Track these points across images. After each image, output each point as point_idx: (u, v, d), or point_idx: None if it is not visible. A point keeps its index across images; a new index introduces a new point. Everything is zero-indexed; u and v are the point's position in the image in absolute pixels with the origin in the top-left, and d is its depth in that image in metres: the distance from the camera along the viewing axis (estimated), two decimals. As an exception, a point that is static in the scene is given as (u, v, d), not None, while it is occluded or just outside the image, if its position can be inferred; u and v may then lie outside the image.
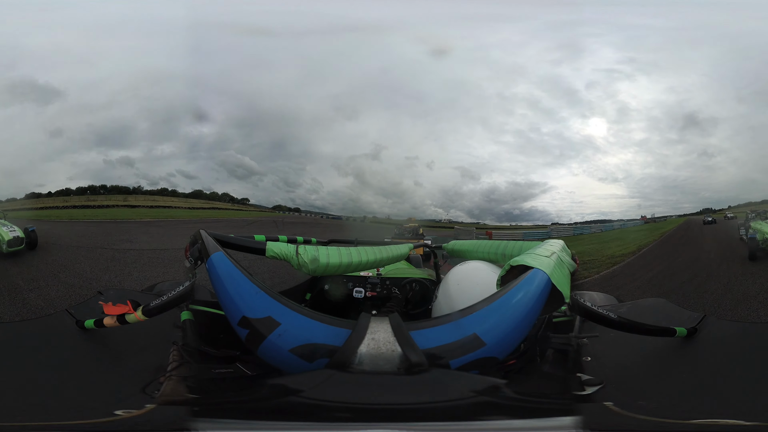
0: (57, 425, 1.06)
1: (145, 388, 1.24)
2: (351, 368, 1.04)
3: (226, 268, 1.28)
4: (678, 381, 1.40)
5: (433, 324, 1.14)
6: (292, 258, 1.62)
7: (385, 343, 1.07)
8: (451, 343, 1.08)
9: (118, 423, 1.04)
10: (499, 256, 2.04)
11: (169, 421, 1.04)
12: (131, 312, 1.44)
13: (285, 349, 1.09)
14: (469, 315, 1.14)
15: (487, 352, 1.10)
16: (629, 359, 1.54)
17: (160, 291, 2.31)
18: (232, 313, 1.18)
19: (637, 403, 1.20)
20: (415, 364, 1.03)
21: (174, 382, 1.21)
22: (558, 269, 1.28)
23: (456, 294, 1.67)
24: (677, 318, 1.76)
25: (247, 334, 1.14)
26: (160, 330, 1.57)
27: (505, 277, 1.35)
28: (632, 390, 1.33)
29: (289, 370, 1.10)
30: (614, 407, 1.14)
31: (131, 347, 1.61)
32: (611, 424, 1.08)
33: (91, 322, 1.58)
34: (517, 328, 1.16)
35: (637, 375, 1.46)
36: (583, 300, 1.44)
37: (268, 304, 1.15)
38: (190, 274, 1.48)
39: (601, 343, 1.48)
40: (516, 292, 1.18)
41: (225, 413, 1.01)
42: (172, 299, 1.43)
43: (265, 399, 1.06)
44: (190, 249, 1.46)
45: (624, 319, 1.46)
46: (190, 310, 1.51)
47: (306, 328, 1.11)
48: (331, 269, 1.73)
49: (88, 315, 1.64)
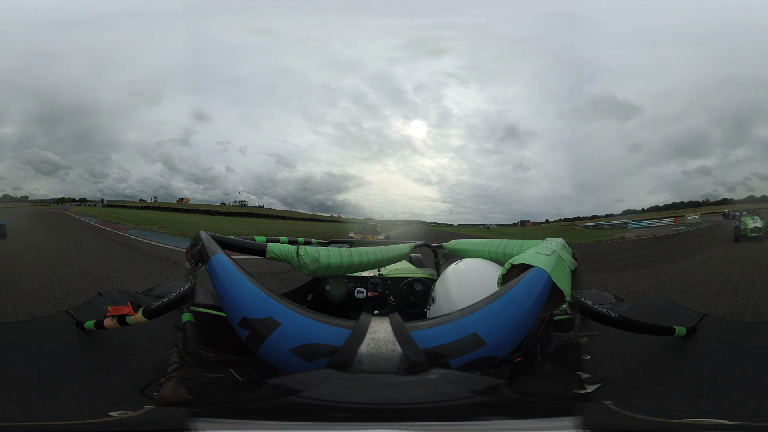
0: (55, 425, 1.06)
1: (145, 390, 1.24)
2: (351, 368, 1.04)
3: (227, 269, 1.28)
4: (677, 380, 1.40)
5: (433, 324, 1.14)
6: (292, 259, 1.62)
7: (385, 342, 1.08)
8: (451, 343, 1.08)
9: (116, 423, 1.05)
10: (499, 255, 2.04)
11: (168, 421, 1.04)
12: (132, 313, 1.44)
13: (285, 350, 1.09)
14: (470, 314, 1.14)
15: (488, 352, 1.10)
16: (629, 358, 1.54)
17: (160, 292, 2.31)
18: (233, 314, 1.18)
19: (636, 402, 1.20)
20: (415, 363, 1.03)
21: (174, 383, 1.22)
22: (559, 267, 1.28)
23: (456, 293, 1.66)
24: (677, 317, 1.76)
25: (247, 334, 1.14)
26: (160, 332, 1.57)
27: (506, 275, 1.35)
28: (631, 388, 1.34)
29: (290, 370, 1.10)
30: (613, 406, 1.14)
31: (131, 348, 1.61)
32: (611, 423, 1.08)
33: (92, 324, 1.58)
34: (518, 326, 1.16)
35: (637, 373, 1.47)
36: (584, 298, 1.44)
37: (268, 305, 1.15)
38: (191, 275, 1.48)
39: (601, 341, 1.48)
40: (517, 290, 1.18)
41: (225, 413, 1.01)
42: (173, 301, 1.44)
43: (265, 399, 1.06)
44: (191, 251, 1.46)
45: (624, 318, 1.46)
46: (191, 312, 1.51)
47: (306, 328, 1.11)
48: (332, 270, 1.73)
49: (88, 316, 1.64)
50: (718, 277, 8.12)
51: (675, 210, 26.02)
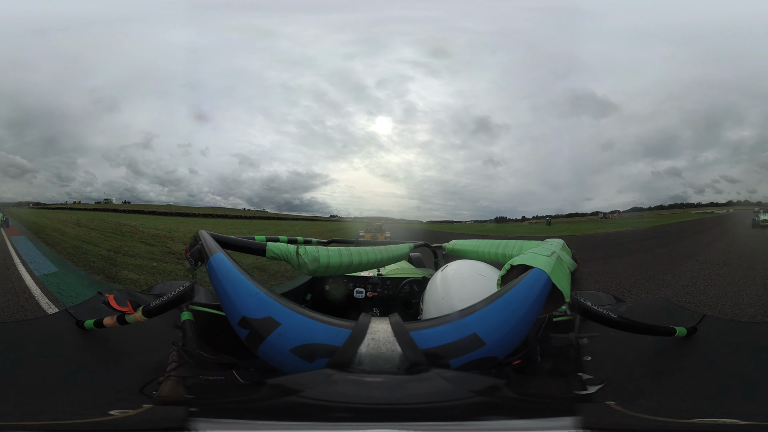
0: (54, 424, 1.06)
1: (143, 389, 1.24)
2: (351, 368, 1.04)
3: (227, 268, 1.28)
4: (678, 380, 1.40)
5: (433, 324, 1.14)
6: (292, 258, 1.62)
7: (384, 343, 1.07)
8: (451, 343, 1.08)
9: (115, 422, 1.04)
10: (499, 255, 2.04)
11: (167, 420, 1.04)
12: (131, 312, 1.44)
13: (285, 350, 1.09)
14: (469, 315, 1.14)
15: (487, 352, 1.09)
16: (629, 358, 1.54)
17: (160, 291, 2.31)
18: (232, 314, 1.18)
19: (639, 402, 1.20)
20: (414, 364, 1.03)
21: (173, 382, 1.21)
22: (558, 268, 1.28)
23: (456, 293, 1.66)
24: (677, 317, 1.76)
25: (247, 334, 1.14)
26: (160, 331, 1.57)
27: (506, 276, 1.35)
28: (633, 389, 1.34)
29: (290, 371, 1.10)
30: (616, 406, 1.14)
31: (131, 347, 1.61)
32: (613, 424, 1.08)
33: (91, 323, 1.58)
34: (518, 327, 1.16)
35: (638, 374, 1.47)
36: (583, 299, 1.44)
37: (268, 305, 1.15)
38: (191, 274, 1.48)
39: (602, 342, 1.48)
40: (516, 291, 1.18)
41: (224, 413, 1.01)
42: (172, 300, 1.44)
43: (265, 399, 1.06)
44: (191, 250, 1.46)
45: (624, 319, 1.46)
46: (191, 311, 1.51)
47: (306, 328, 1.11)
48: (332, 269, 1.73)
49: (87, 315, 1.64)
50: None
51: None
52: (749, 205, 29.01)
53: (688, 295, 7.86)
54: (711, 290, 8.20)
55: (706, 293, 7.94)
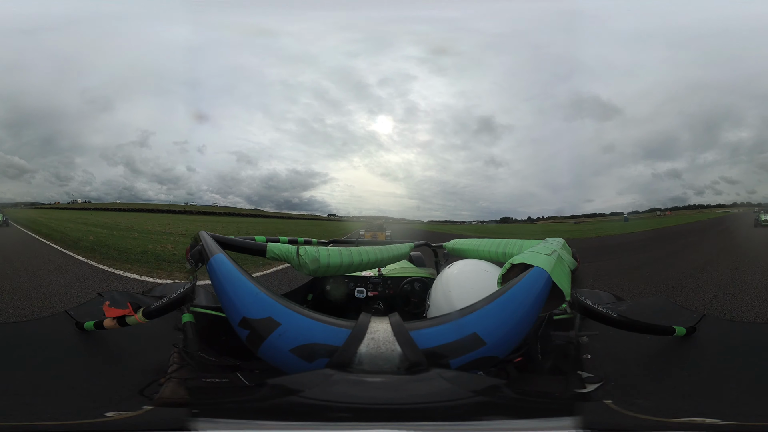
0: (54, 425, 1.06)
1: (144, 390, 1.24)
2: (351, 368, 1.04)
3: (227, 269, 1.28)
4: (676, 379, 1.40)
5: (433, 324, 1.14)
6: (292, 259, 1.62)
7: (384, 342, 1.07)
8: (451, 343, 1.08)
9: (115, 423, 1.04)
10: (499, 254, 2.04)
11: (167, 421, 1.04)
12: (131, 314, 1.44)
13: (285, 350, 1.09)
14: (469, 314, 1.14)
15: (488, 352, 1.09)
16: (629, 357, 1.54)
17: (161, 293, 2.31)
18: (233, 315, 1.18)
19: (636, 401, 1.20)
20: (414, 363, 1.03)
21: (174, 383, 1.22)
22: (558, 267, 1.28)
23: (456, 293, 1.66)
24: (676, 317, 1.76)
25: (247, 334, 1.14)
26: (160, 332, 1.57)
27: (506, 275, 1.35)
28: (631, 387, 1.34)
29: (290, 371, 1.10)
30: (614, 405, 1.14)
31: (131, 349, 1.61)
32: (611, 423, 1.08)
33: (91, 324, 1.58)
34: (518, 326, 1.16)
35: (637, 373, 1.47)
36: (584, 298, 1.44)
37: (268, 305, 1.15)
38: (191, 276, 1.48)
39: (601, 340, 1.48)
40: (516, 290, 1.18)
41: (224, 413, 1.01)
42: (173, 301, 1.44)
43: (265, 399, 1.06)
44: (191, 251, 1.46)
45: (624, 318, 1.46)
46: (191, 312, 1.51)
47: (306, 328, 1.11)
48: (332, 269, 1.73)
49: (87, 317, 1.64)
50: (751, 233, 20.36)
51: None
52: (750, 206, 30.37)
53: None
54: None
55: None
